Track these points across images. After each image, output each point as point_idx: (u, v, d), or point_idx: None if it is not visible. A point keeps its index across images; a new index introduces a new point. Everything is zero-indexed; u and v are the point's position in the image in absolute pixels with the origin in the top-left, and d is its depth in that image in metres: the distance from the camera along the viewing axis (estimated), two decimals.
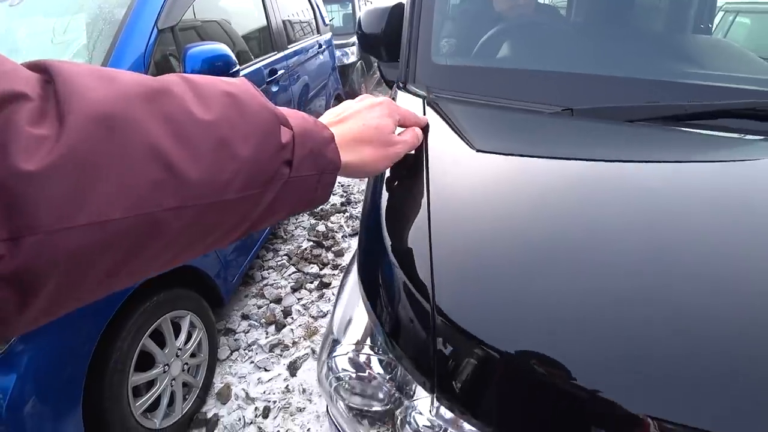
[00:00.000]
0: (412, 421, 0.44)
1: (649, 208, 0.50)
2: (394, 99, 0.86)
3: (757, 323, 0.35)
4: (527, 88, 0.85)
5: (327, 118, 0.46)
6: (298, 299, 2.22)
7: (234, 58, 1.65)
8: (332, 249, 2.68)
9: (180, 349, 1.52)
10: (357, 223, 2.97)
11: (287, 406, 1.64)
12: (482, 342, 0.37)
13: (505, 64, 1.07)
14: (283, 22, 2.74)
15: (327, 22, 3.87)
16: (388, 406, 0.48)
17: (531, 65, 1.01)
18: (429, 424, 0.43)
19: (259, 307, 2.16)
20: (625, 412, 0.32)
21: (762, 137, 0.64)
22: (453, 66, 1.02)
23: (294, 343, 1.94)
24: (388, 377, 0.48)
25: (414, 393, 0.45)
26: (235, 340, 1.96)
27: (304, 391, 1.70)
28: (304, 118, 0.38)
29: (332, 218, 3.07)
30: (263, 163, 0.32)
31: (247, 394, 1.69)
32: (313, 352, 1.88)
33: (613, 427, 0.33)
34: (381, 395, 0.49)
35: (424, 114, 0.74)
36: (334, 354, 0.52)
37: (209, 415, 1.62)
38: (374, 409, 0.49)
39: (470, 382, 0.38)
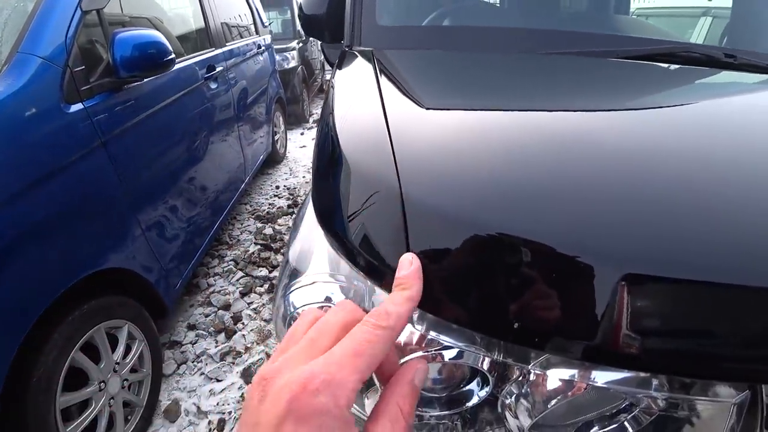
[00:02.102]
0: None
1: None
2: (340, 67, 0.86)
3: (703, 187, 0.41)
4: (469, 42, 0.91)
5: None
6: (248, 303, 2.10)
7: (169, 46, 1.54)
8: (281, 251, 2.58)
9: (118, 364, 1.36)
10: None
11: None
12: (460, 238, 0.36)
13: (446, 22, 1.12)
14: (220, 18, 2.63)
15: (265, 24, 3.77)
16: None
17: (472, 22, 1.09)
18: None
19: (207, 316, 2.01)
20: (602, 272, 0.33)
21: (666, 66, 0.83)
22: (397, 27, 1.04)
23: (247, 348, 1.82)
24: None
25: None
26: (182, 352, 1.80)
27: None
28: None
29: (279, 221, 2.97)
30: None
31: (198, 408, 1.56)
32: (268, 356, 1.78)
33: (592, 290, 0.33)
34: None
35: (375, 65, 0.75)
36: (291, 289, 0.48)
37: None
38: None
39: (449, 282, 0.36)
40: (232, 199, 2.57)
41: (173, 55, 1.57)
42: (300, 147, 4.74)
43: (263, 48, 3.54)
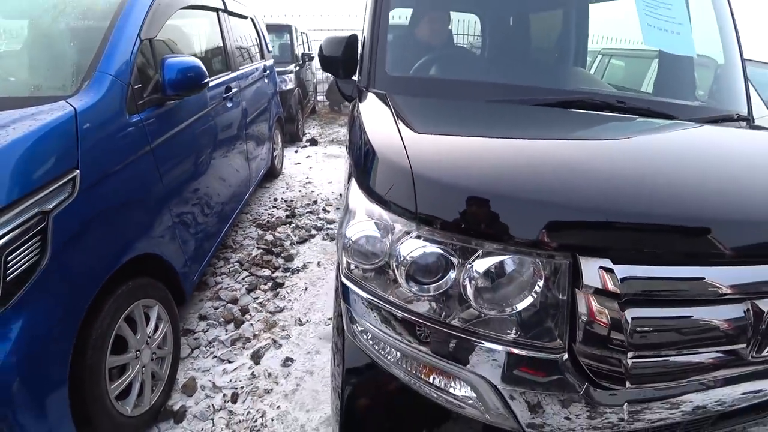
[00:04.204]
0: (399, 253, 0.77)
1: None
2: (361, 101, 1.23)
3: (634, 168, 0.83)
4: (454, 91, 1.28)
5: None
6: (254, 298, 2.32)
7: (205, 70, 1.82)
8: (282, 255, 2.81)
9: (150, 337, 1.57)
10: (303, 233, 3.14)
11: (255, 389, 1.74)
12: (446, 194, 0.72)
13: (432, 75, 1.51)
14: (236, 45, 2.94)
15: (270, 49, 4.11)
16: (382, 262, 0.80)
17: (456, 76, 1.47)
18: (409, 249, 0.75)
19: (216, 308, 2.21)
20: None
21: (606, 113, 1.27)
22: (401, 76, 1.47)
23: (255, 335, 2.04)
24: (382, 235, 0.80)
25: (400, 239, 0.78)
26: (195, 338, 2.00)
27: (269, 375, 1.81)
28: None
29: (279, 229, 3.21)
30: None
31: (213, 384, 1.76)
32: (274, 342, 2.00)
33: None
34: (378, 250, 0.80)
35: (389, 104, 1.13)
36: (347, 226, 0.84)
37: (176, 407, 1.65)
38: (375, 263, 0.80)
39: (444, 212, 0.71)
40: (238, 207, 2.81)
41: (208, 78, 1.85)
42: (295, 164, 5.02)
43: (268, 71, 3.86)
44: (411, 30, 1.85)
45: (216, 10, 2.63)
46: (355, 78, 1.71)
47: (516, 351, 0.75)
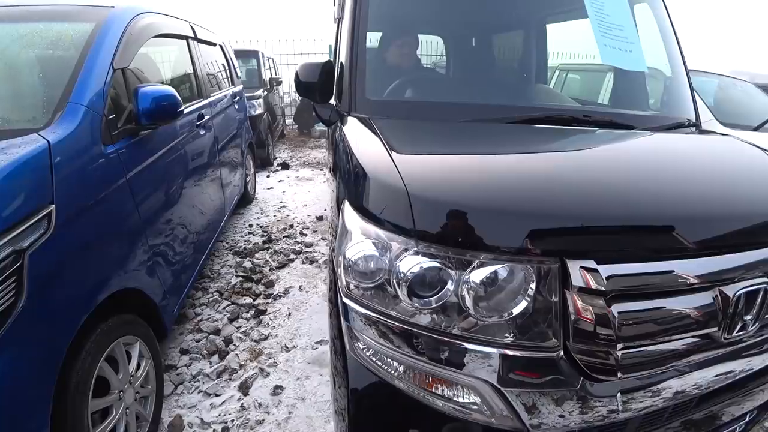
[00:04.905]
0: (398, 270, 0.79)
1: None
2: (344, 124, 1.26)
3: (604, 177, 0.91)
4: (429, 111, 1.35)
5: None
6: (237, 327, 2.25)
7: (180, 99, 1.81)
8: (262, 281, 2.76)
9: (132, 376, 1.50)
10: (282, 257, 3.10)
11: (246, 422, 1.68)
12: (438, 210, 0.75)
13: (409, 98, 1.59)
14: (206, 72, 2.93)
15: (239, 75, 4.11)
16: (382, 279, 0.82)
17: (435, 99, 1.53)
18: (408, 266, 0.78)
19: (198, 341, 2.14)
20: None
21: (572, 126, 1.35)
22: (378, 100, 1.51)
23: (241, 365, 1.98)
24: (380, 253, 0.83)
25: (398, 256, 0.81)
26: (178, 374, 1.92)
27: (260, 405, 1.75)
28: None
29: (257, 255, 3.15)
30: None
31: (201, 420, 1.68)
32: (262, 370, 1.95)
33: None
34: (377, 268, 0.82)
35: (372, 129, 1.17)
36: (345, 247, 0.86)
37: None
38: (375, 281, 0.82)
39: (439, 227, 0.75)
40: (214, 235, 2.75)
41: (183, 107, 1.84)
42: (267, 188, 4.97)
43: (238, 97, 3.86)
44: (384, 54, 1.91)
45: (186, 38, 2.62)
46: (332, 102, 1.75)
47: (515, 353, 0.78)
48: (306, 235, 3.58)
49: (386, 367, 0.83)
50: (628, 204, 0.87)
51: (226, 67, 3.74)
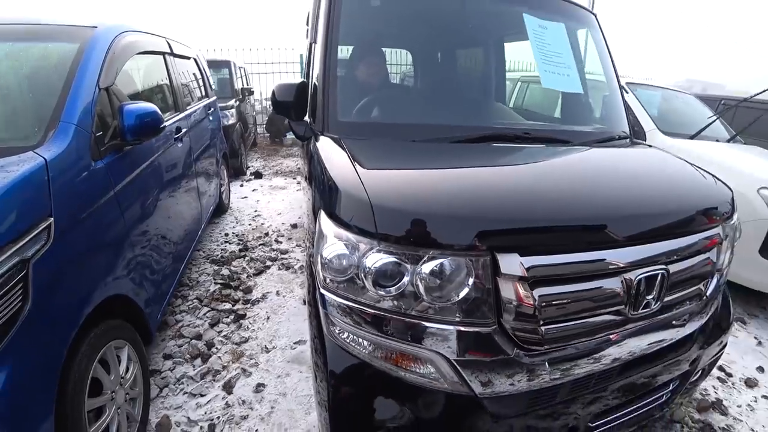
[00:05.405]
0: (365, 265, 0.97)
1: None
2: (318, 141, 1.42)
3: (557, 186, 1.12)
4: (392, 132, 1.54)
5: None
6: (218, 332, 2.35)
7: (161, 115, 1.92)
8: (240, 288, 2.86)
9: (122, 378, 1.59)
10: (258, 264, 3.20)
11: (231, 417, 1.79)
12: (399, 217, 0.92)
13: (375, 119, 1.76)
14: (182, 85, 3.02)
15: (213, 87, 4.19)
16: (352, 273, 0.99)
17: (397, 120, 1.71)
18: (372, 261, 0.95)
19: (180, 346, 2.22)
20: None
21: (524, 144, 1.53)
22: (349, 122, 1.66)
23: (224, 367, 2.08)
24: (350, 252, 1.00)
25: (365, 254, 0.98)
26: (162, 378, 2.00)
27: (243, 402, 1.87)
28: None
29: (234, 263, 3.24)
30: None
31: (188, 418, 1.78)
32: (244, 370, 2.06)
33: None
34: (348, 264, 0.99)
35: (342, 148, 1.34)
36: (321, 248, 1.03)
37: None
38: (347, 275, 0.99)
39: (398, 228, 0.92)
40: (192, 244, 2.83)
41: (165, 123, 1.94)
42: (241, 198, 5.03)
43: (212, 108, 3.94)
44: (355, 72, 2.08)
45: (163, 53, 2.71)
46: (306, 119, 1.91)
47: (459, 328, 0.97)
48: (281, 242, 3.69)
49: (358, 346, 1.00)
50: (548, 208, 1.08)
51: (200, 79, 3.82)
